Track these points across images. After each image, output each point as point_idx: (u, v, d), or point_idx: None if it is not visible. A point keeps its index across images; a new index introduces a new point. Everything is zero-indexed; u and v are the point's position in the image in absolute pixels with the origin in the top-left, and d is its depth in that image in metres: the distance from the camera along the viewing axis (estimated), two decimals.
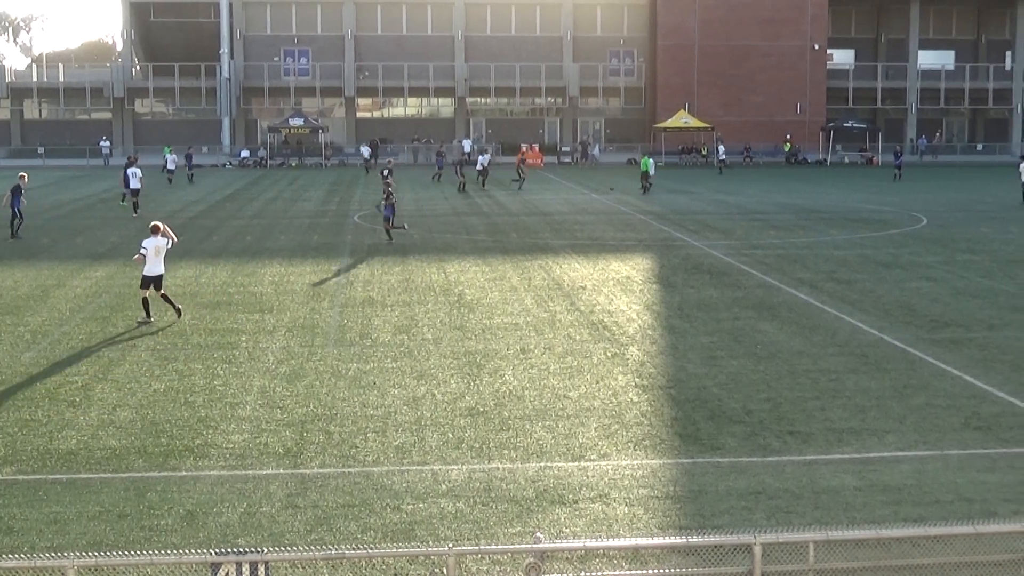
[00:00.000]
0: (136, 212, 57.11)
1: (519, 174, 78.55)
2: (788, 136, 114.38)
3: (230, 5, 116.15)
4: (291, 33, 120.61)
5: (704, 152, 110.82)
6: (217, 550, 12.70)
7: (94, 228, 51.58)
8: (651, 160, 75.16)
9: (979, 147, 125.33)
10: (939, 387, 22.88)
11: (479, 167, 78.49)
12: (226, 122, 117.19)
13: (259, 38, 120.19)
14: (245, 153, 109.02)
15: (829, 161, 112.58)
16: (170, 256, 41.94)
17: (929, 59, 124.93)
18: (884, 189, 76.65)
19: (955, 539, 11.83)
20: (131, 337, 27.74)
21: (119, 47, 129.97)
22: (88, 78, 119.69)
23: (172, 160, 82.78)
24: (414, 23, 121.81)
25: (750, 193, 73.36)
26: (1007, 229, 50.84)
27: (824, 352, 26.15)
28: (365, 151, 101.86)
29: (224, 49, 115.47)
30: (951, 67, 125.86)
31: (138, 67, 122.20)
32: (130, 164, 59.91)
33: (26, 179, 50.12)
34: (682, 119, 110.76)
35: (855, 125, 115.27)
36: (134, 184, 58.41)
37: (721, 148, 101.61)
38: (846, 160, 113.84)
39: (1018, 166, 61.89)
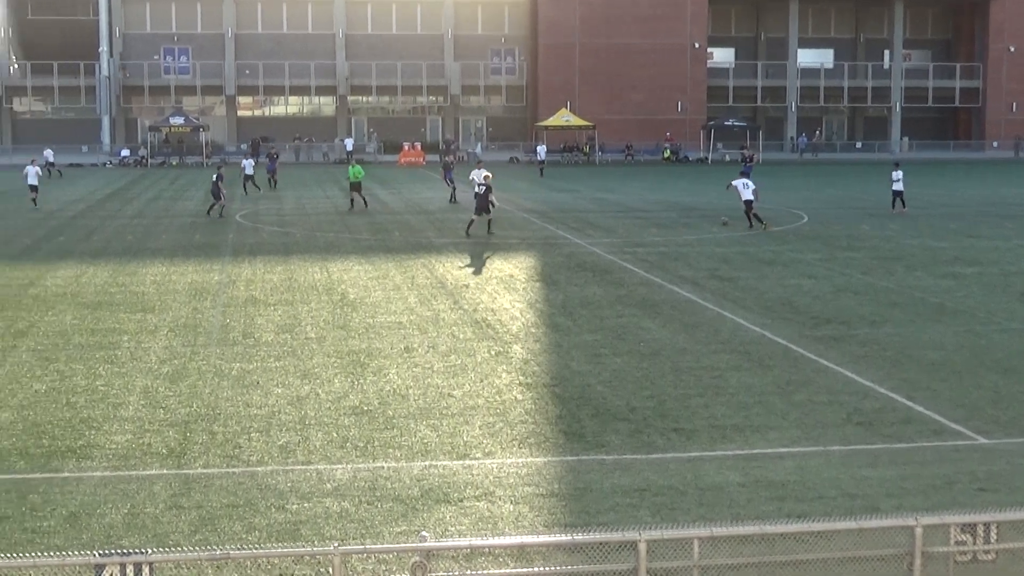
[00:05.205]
0: None
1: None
2: (668, 134, 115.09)
3: (109, 2, 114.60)
4: (171, 31, 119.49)
5: (586, 150, 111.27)
6: (101, 552, 12.51)
7: None
8: (361, 168, 62.71)
9: (858, 145, 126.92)
10: (821, 383, 23.10)
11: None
12: (106, 121, 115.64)
13: (139, 36, 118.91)
14: (125, 152, 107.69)
15: (710, 159, 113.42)
16: (49, 255, 41.56)
17: (808, 57, 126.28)
18: (764, 187, 77.31)
19: (838, 534, 11.94)
20: (11, 338, 27.31)
21: None
22: None
23: (34, 173, 63.86)
24: (295, 21, 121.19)
25: (631, 191, 73.80)
26: (886, 226, 51.49)
27: (707, 349, 26.32)
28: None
29: (103, 47, 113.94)
30: (830, 65, 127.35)
31: (15, 65, 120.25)
32: None
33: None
34: (563, 117, 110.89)
35: (735, 123, 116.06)
36: None
37: (540, 148, 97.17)
38: (727, 158, 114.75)
39: (891, 174, 62.30)
